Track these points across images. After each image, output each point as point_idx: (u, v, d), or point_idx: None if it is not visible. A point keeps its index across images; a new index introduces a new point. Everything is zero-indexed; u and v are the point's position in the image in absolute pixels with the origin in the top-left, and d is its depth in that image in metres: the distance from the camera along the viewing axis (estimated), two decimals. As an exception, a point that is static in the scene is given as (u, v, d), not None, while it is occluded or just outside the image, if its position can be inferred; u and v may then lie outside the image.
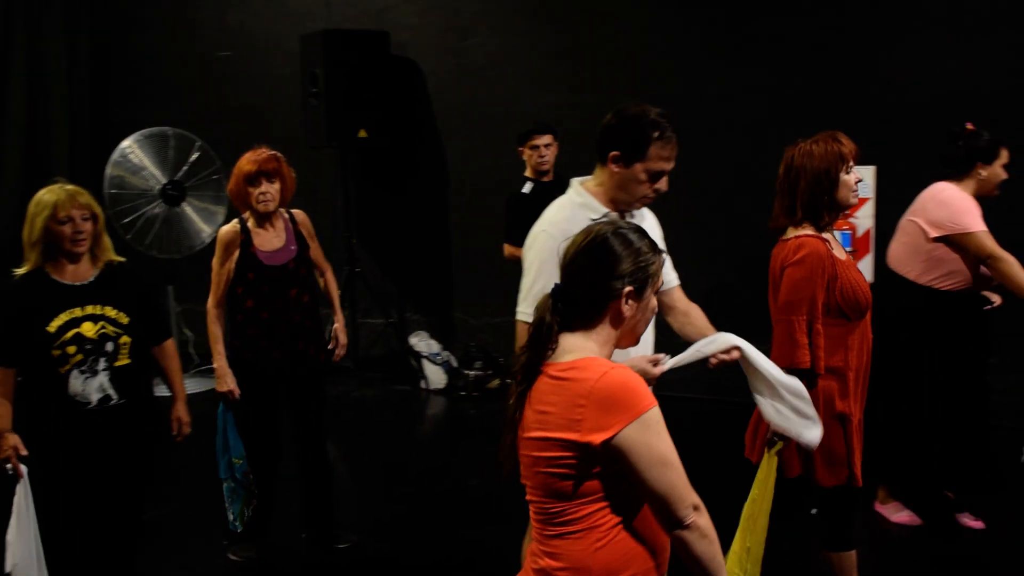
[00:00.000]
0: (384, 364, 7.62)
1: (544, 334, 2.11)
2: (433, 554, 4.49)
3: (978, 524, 4.39)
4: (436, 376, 7.29)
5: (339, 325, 4.42)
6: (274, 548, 4.37)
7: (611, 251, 2.10)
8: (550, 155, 5.60)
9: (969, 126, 4.23)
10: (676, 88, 6.48)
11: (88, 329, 3.31)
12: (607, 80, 6.76)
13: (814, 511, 4.25)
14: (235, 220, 4.14)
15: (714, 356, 2.74)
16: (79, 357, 3.29)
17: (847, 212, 3.47)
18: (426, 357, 7.34)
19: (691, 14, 6.63)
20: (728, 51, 6.49)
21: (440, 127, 7.54)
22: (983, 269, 4.12)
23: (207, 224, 7.18)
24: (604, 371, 2.00)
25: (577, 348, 2.09)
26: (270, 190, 4.06)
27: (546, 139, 5.57)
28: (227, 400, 4.13)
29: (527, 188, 5.62)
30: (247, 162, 4.07)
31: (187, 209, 7.13)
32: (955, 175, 4.22)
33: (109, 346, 3.34)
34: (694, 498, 2.00)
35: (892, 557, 4.17)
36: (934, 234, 4.10)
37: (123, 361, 3.38)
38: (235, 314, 4.12)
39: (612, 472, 2.00)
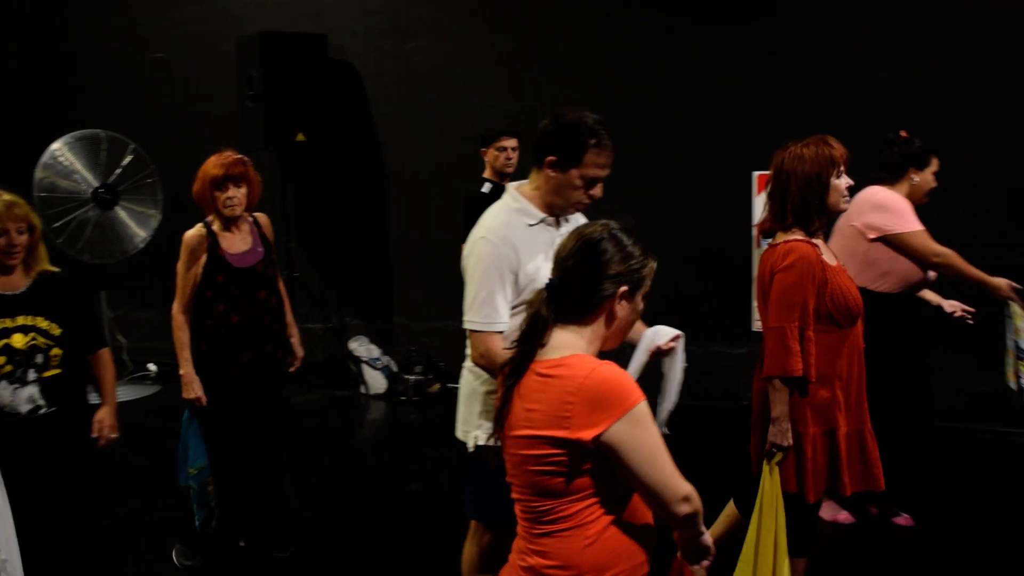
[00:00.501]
0: (323, 369, 7.55)
1: (539, 328, 2.12)
2: (374, 559, 4.46)
3: (908, 521, 4.49)
4: (376, 381, 7.24)
5: (295, 340, 4.35)
6: (221, 555, 4.30)
7: (604, 252, 2.11)
8: (516, 158, 5.64)
9: (903, 133, 4.33)
10: (616, 92, 6.54)
11: (18, 340, 3.24)
12: (547, 85, 6.79)
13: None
14: (199, 224, 4.07)
15: (656, 347, 2.80)
16: (8, 368, 3.22)
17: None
18: (366, 362, 7.29)
19: (631, 20, 6.69)
20: (667, 56, 6.56)
21: (379, 130, 7.50)
22: (931, 274, 4.22)
23: (142, 228, 7.05)
24: (592, 368, 2.01)
25: (566, 345, 2.10)
26: (237, 195, 4.01)
27: (513, 142, 5.62)
28: (193, 407, 4.05)
29: (486, 188, 5.64)
30: (213, 166, 4.00)
31: (121, 213, 7.00)
32: (888, 179, 4.31)
33: (39, 358, 3.28)
34: (685, 488, 2.03)
35: (828, 556, 4.24)
36: (872, 235, 4.15)
37: (54, 371, 3.32)
38: (204, 319, 4.04)
39: (602, 469, 2.02)
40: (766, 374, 3.17)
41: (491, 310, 2.93)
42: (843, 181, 3.21)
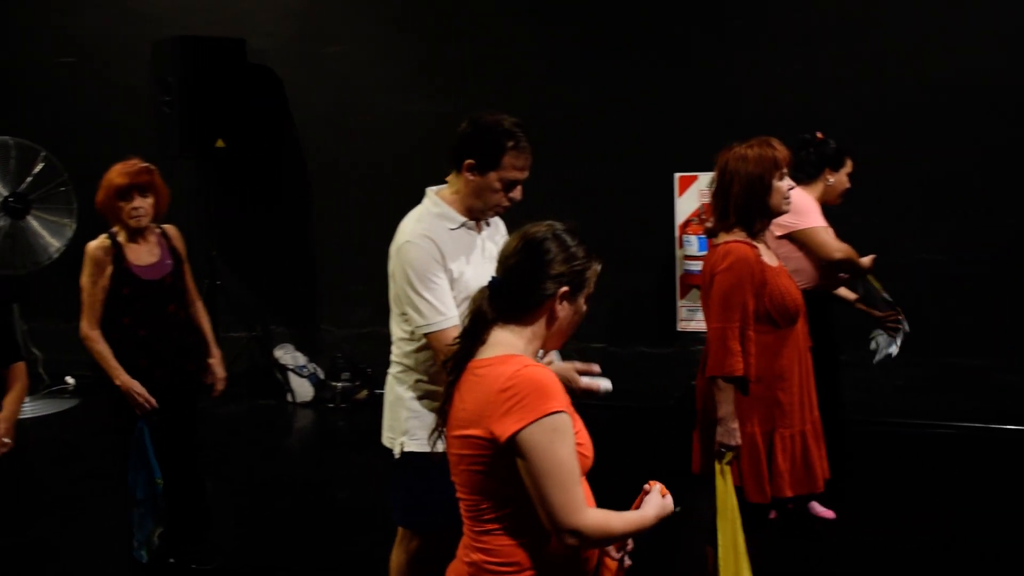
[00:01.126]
0: (248, 378, 7.44)
1: (480, 326, 2.11)
2: (303, 568, 4.41)
3: (829, 514, 4.59)
4: (303, 389, 7.16)
5: (215, 360, 4.21)
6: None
7: (547, 252, 2.10)
8: None
9: (819, 135, 4.43)
10: (537, 96, 6.56)
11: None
12: (469, 89, 6.80)
13: (678, 508, 4.37)
14: (103, 235, 3.95)
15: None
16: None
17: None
18: (292, 370, 7.21)
19: (551, 24, 6.73)
20: (589, 60, 6.62)
21: (300, 136, 7.42)
22: (842, 275, 4.31)
23: (56, 238, 6.87)
24: (518, 368, 2.00)
25: (504, 343, 2.09)
26: (143, 205, 3.89)
27: None
28: (146, 414, 3.90)
29: None
30: (118, 174, 3.88)
31: (33, 223, 6.80)
32: (804, 179, 4.39)
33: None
34: (580, 522, 1.94)
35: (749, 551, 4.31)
36: (779, 232, 4.23)
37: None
38: (110, 333, 3.91)
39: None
40: (708, 374, 3.20)
41: (441, 306, 2.94)
42: (785, 183, 3.25)
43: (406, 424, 3.11)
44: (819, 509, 4.58)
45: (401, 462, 3.14)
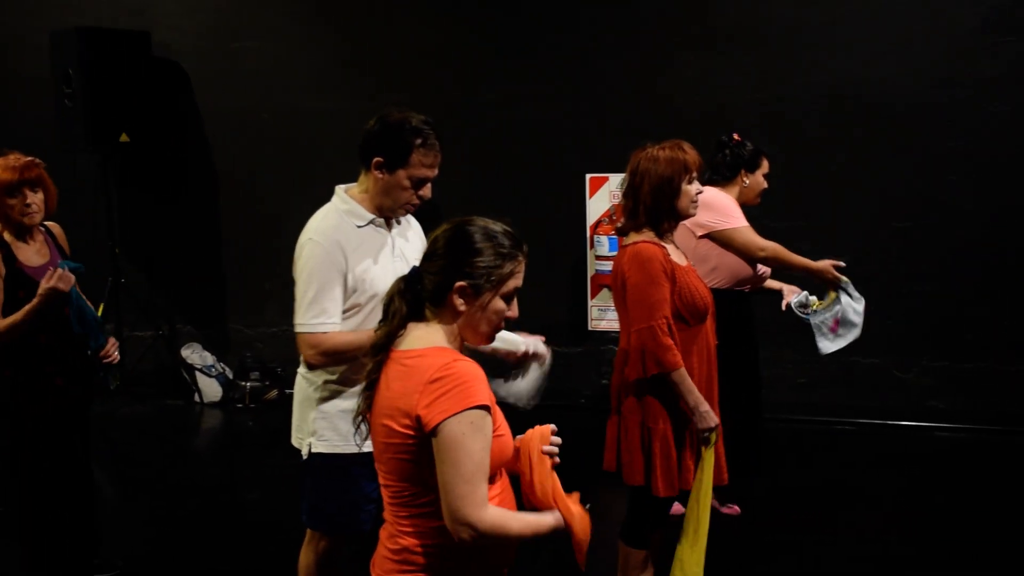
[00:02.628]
0: (154, 378, 7.29)
1: (392, 314, 2.13)
2: (214, 571, 4.35)
3: (734, 511, 4.68)
4: (211, 389, 7.04)
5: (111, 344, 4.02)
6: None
7: (465, 241, 2.10)
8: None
9: (736, 136, 4.49)
10: (450, 96, 6.58)
11: None
12: (380, 88, 6.76)
13: (588, 505, 4.42)
14: None
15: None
16: None
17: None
18: (199, 370, 7.07)
19: (466, 24, 6.75)
20: (502, 60, 6.64)
21: (209, 132, 7.29)
22: (760, 268, 4.39)
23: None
24: (448, 361, 2.02)
25: (423, 337, 2.10)
26: (35, 201, 3.71)
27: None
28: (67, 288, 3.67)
29: None
30: (3, 170, 3.68)
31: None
32: (720, 181, 4.46)
33: None
34: (475, 516, 1.97)
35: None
36: (700, 233, 4.29)
37: None
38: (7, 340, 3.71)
39: None
40: (650, 374, 3.21)
41: (319, 310, 2.92)
42: (694, 187, 3.30)
43: (314, 425, 3.08)
44: (723, 505, 4.67)
45: (309, 463, 3.11)
